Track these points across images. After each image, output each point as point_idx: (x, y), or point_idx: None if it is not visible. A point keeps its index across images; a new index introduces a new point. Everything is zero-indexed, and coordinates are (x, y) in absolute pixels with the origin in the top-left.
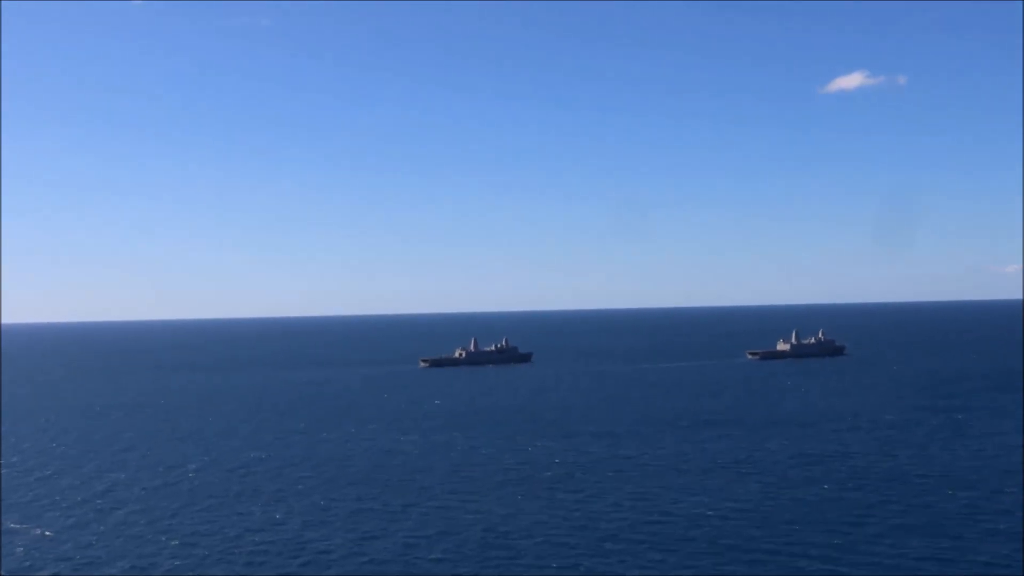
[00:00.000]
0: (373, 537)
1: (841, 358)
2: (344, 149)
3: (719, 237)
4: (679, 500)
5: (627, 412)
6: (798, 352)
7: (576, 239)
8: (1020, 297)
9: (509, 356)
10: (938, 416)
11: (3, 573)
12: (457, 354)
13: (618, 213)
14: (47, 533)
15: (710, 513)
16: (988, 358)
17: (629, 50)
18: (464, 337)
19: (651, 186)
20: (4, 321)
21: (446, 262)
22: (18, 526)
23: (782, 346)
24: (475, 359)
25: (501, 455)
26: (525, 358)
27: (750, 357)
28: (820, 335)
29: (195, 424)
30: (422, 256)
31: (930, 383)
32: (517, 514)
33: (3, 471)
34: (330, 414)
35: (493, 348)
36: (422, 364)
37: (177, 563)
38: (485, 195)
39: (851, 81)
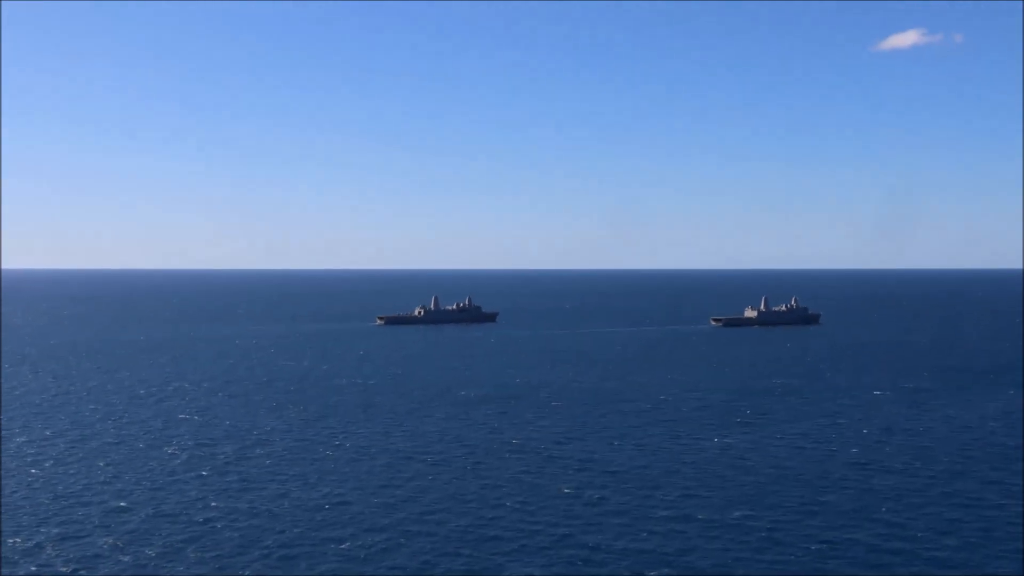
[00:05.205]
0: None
1: (813, 327)
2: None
3: (730, 197)
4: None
5: (462, 384)
6: (766, 320)
7: (578, 200)
8: None
9: (471, 316)
10: (765, 400)
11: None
12: (416, 312)
13: (623, 188)
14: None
15: (286, 503)
16: (973, 334)
17: (675, 10)
18: (440, 294)
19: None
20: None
21: (440, 216)
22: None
23: (749, 313)
24: (435, 318)
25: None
26: (489, 318)
27: (713, 324)
28: (793, 302)
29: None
30: (414, 210)
31: (863, 357)
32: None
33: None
34: (208, 375)
35: (455, 307)
36: (378, 321)
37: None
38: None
39: (906, 39)
